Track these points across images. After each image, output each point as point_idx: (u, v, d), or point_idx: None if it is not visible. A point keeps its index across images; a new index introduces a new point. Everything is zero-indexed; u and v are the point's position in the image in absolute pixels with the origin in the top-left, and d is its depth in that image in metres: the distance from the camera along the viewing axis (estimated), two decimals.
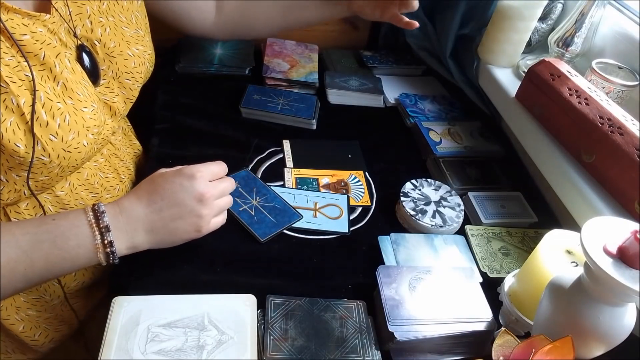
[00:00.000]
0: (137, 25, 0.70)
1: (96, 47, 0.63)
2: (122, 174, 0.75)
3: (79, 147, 0.57)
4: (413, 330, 0.58)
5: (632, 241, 0.44)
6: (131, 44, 0.67)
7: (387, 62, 1.16)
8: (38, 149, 0.53)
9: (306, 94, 1.03)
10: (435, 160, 0.90)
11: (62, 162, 0.56)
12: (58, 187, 0.63)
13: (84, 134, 0.57)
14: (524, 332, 0.62)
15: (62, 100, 0.55)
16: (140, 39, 0.69)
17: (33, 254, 0.52)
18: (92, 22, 0.62)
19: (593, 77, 0.79)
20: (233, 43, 1.12)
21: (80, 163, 0.60)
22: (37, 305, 0.69)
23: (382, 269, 0.65)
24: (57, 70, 0.55)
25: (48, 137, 0.53)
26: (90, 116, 0.58)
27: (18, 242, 0.52)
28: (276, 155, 0.88)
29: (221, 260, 0.69)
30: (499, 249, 0.76)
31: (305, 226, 0.75)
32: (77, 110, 0.57)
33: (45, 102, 0.53)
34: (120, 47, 0.66)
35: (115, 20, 0.66)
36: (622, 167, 0.66)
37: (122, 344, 0.54)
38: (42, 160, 0.54)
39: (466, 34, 1.00)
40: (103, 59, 0.64)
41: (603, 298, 0.48)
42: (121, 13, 0.67)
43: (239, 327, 0.57)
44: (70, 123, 0.55)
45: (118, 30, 0.66)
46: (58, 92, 0.55)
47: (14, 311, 0.66)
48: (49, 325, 0.71)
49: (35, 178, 0.56)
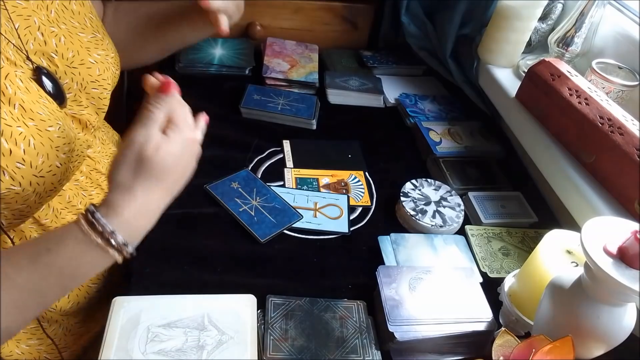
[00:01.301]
0: (93, 29, 0.65)
1: (54, 60, 0.58)
2: (106, 188, 0.70)
3: (52, 170, 0.53)
4: (413, 330, 0.58)
5: (632, 241, 0.44)
6: (91, 50, 0.63)
7: (387, 62, 1.16)
8: (6, 179, 0.49)
9: (306, 94, 1.03)
10: (435, 160, 0.90)
11: (36, 188, 0.53)
12: (42, 216, 0.60)
13: (54, 155, 0.53)
14: (524, 332, 0.62)
15: (23, 123, 0.50)
16: (100, 42, 0.65)
17: (40, 289, 0.49)
18: (44, 34, 0.57)
19: (593, 77, 0.79)
20: (233, 43, 1.12)
21: (59, 185, 0.56)
22: (37, 334, 0.66)
23: (382, 269, 0.65)
24: (9, 92, 0.50)
25: (15, 166, 0.50)
26: (58, 135, 0.54)
27: (16, 283, 0.47)
28: (276, 155, 0.88)
29: (221, 260, 0.69)
30: (499, 249, 0.76)
31: (305, 226, 0.75)
32: (42, 131, 0.52)
33: (4, 129, 0.49)
34: (80, 56, 0.61)
35: (68, 27, 0.61)
36: (622, 167, 0.66)
37: (122, 344, 0.54)
38: (13, 190, 0.50)
39: (466, 34, 1.00)
40: (64, 72, 0.60)
41: (603, 298, 0.48)
42: (72, 18, 0.62)
43: (239, 327, 0.57)
44: (36, 146, 0.51)
45: (74, 38, 0.61)
46: (16, 115, 0.50)
47: (14, 345, 0.64)
48: (49, 355, 0.69)
49: (11, 207, 0.52)
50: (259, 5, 1.13)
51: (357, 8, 1.17)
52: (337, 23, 1.19)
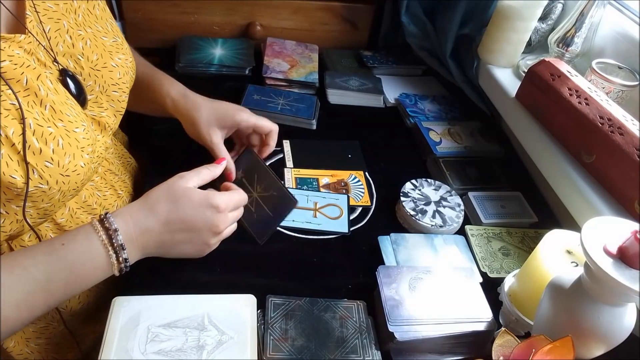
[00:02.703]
0: (114, 34, 0.67)
1: (80, 62, 0.61)
2: (119, 190, 0.73)
3: (76, 170, 0.55)
4: (413, 330, 0.58)
5: (632, 241, 0.44)
6: (113, 53, 0.65)
7: (387, 62, 1.16)
8: (35, 177, 0.51)
9: (306, 94, 1.03)
10: (435, 160, 0.90)
11: (62, 187, 0.55)
12: (58, 215, 0.62)
13: (80, 155, 0.56)
14: (524, 332, 0.62)
15: (53, 124, 0.53)
16: (120, 47, 0.67)
17: (50, 284, 0.51)
18: (72, 37, 0.60)
19: (593, 77, 0.79)
20: (233, 43, 1.12)
21: (81, 185, 0.58)
22: (46, 333, 0.68)
23: (382, 269, 0.65)
24: (42, 93, 0.52)
25: (44, 165, 0.52)
26: (83, 136, 0.56)
27: (32, 275, 0.50)
28: (276, 155, 0.88)
29: (221, 260, 0.68)
30: (499, 249, 0.76)
31: (305, 226, 0.75)
32: (69, 132, 0.55)
33: (36, 129, 0.51)
34: (103, 59, 0.63)
35: (94, 31, 0.63)
36: (622, 167, 0.66)
37: (122, 344, 0.54)
38: (41, 189, 0.52)
39: (466, 34, 1.00)
40: (89, 74, 0.62)
41: (603, 298, 0.48)
42: (96, 22, 0.64)
43: (239, 327, 0.57)
44: (64, 146, 0.53)
45: (98, 42, 0.63)
46: (47, 116, 0.53)
47: (24, 344, 0.65)
48: (56, 354, 0.70)
49: (37, 206, 0.55)
50: (259, 5, 1.13)
51: (357, 8, 1.17)
52: (337, 23, 1.19)
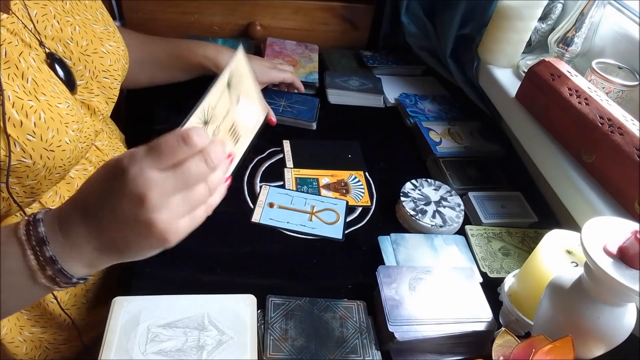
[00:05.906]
0: (104, 22, 0.67)
1: (69, 47, 0.60)
2: None
3: (61, 145, 0.55)
4: (413, 330, 0.58)
5: (632, 241, 0.44)
6: (104, 40, 0.65)
7: (387, 62, 1.16)
8: (17, 150, 0.50)
9: (308, 96, 1.03)
10: (435, 160, 0.90)
11: (46, 162, 0.54)
12: (49, 201, 0.61)
13: (64, 130, 0.55)
14: (524, 332, 0.62)
15: (34, 97, 0.52)
16: (111, 35, 0.67)
17: None
18: (60, 22, 0.60)
19: (593, 77, 0.79)
20: (233, 43, 1.12)
21: (67, 164, 0.57)
22: (41, 321, 0.67)
23: (382, 269, 0.65)
24: (22, 66, 0.52)
25: (25, 138, 0.51)
26: (67, 112, 0.55)
27: None
28: (276, 155, 0.88)
29: (221, 260, 0.69)
30: (499, 249, 0.76)
31: (299, 229, 0.75)
32: (52, 106, 0.54)
33: (15, 101, 0.50)
34: (93, 45, 0.63)
35: (82, 18, 0.63)
36: (622, 167, 0.66)
37: (122, 344, 0.54)
38: (24, 163, 0.51)
39: (466, 34, 1.00)
40: (78, 58, 0.62)
41: (603, 298, 0.48)
42: (86, 11, 0.65)
43: (239, 327, 0.57)
44: (46, 120, 0.52)
45: (88, 28, 0.63)
46: (29, 89, 0.52)
47: (17, 332, 0.65)
48: (49, 345, 0.69)
49: (23, 183, 0.53)
50: (259, 5, 1.13)
51: (357, 8, 1.17)
52: (337, 23, 1.19)
